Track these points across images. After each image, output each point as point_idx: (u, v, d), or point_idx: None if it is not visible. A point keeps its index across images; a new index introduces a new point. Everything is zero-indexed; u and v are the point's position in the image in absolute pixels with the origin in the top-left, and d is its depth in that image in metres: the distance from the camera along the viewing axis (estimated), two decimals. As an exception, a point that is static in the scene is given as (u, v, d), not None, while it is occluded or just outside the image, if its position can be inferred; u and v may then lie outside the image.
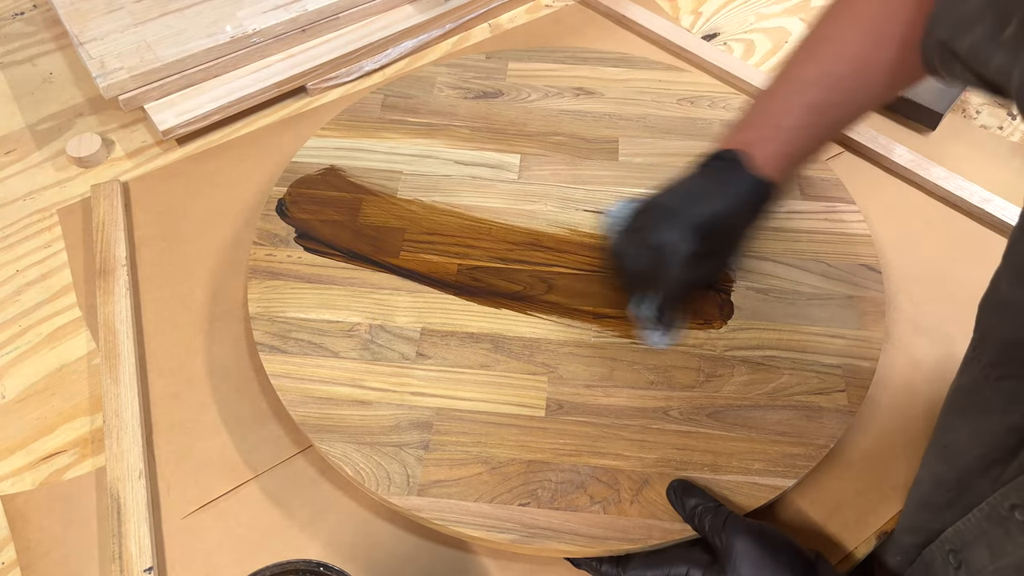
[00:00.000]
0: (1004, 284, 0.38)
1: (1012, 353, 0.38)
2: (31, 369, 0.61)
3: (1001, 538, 0.39)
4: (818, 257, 0.62)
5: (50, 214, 0.71)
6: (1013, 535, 0.38)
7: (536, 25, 0.88)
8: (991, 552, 0.40)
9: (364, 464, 0.50)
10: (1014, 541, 0.38)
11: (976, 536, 0.41)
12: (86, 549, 0.52)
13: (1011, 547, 0.38)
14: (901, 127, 0.76)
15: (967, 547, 0.41)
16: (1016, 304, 0.37)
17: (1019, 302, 0.37)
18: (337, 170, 0.67)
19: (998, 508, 0.39)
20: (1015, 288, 0.37)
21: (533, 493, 0.50)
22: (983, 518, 0.40)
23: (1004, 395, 0.38)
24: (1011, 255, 0.37)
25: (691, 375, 0.55)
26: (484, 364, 0.56)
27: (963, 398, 0.43)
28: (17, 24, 0.88)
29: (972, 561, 0.41)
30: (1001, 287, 0.38)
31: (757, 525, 0.45)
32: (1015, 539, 0.38)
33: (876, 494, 0.54)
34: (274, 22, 0.78)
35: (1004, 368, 0.38)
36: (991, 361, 0.39)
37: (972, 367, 0.41)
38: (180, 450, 0.56)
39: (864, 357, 0.56)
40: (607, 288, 0.60)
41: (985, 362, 0.40)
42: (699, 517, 0.47)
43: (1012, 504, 0.38)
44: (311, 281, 0.60)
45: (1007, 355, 0.38)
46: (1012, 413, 0.38)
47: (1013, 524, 0.38)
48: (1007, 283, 0.37)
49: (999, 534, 0.39)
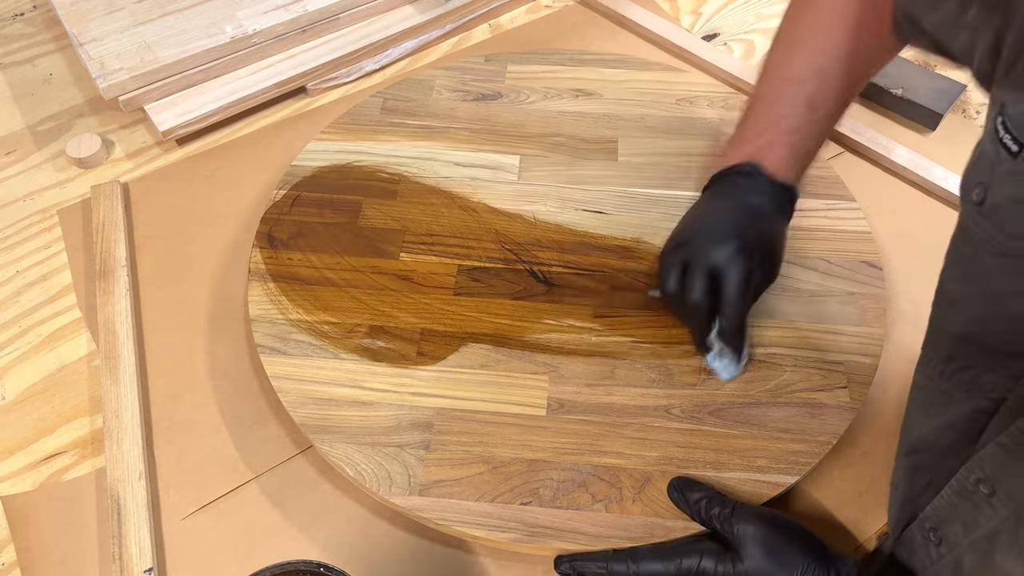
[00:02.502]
0: (949, 282, 0.39)
1: (963, 347, 0.39)
2: (31, 370, 0.61)
3: (971, 512, 0.39)
4: (819, 254, 0.62)
5: (50, 215, 0.71)
6: (981, 508, 0.39)
7: (536, 25, 0.88)
8: (964, 526, 0.40)
9: (365, 465, 0.50)
10: (983, 514, 0.39)
11: (950, 512, 0.41)
12: (86, 550, 0.52)
13: (981, 519, 0.39)
14: (901, 127, 0.76)
15: (944, 523, 0.42)
16: (961, 300, 0.38)
17: (964, 299, 0.38)
18: (337, 172, 0.67)
19: (965, 484, 0.40)
20: (959, 285, 0.38)
21: (535, 492, 0.50)
22: (953, 494, 0.41)
23: (964, 385, 0.39)
24: (952, 254, 0.39)
25: (692, 373, 0.55)
26: (484, 364, 0.56)
27: (923, 396, 0.43)
28: (17, 25, 0.88)
29: (949, 536, 0.42)
30: (947, 285, 0.39)
31: (766, 511, 0.46)
32: (983, 511, 0.39)
33: (879, 491, 0.54)
34: (274, 22, 0.78)
35: (958, 361, 0.39)
36: (945, 357, 0.40)
37: (926, 367, 0.42)
38: (180, 450, 0.56)
39: (866, 353, 0.56)
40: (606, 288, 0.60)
41: (938, 359, 0.41)
42: (705, 509, 0.47)
43: (977, 478, 0.39)
44: (311, 283, 0.60)
45: (959, 349, 0.39)
46: (976, 399, 0.39)
47: (979, 497, 0.39)
48: (951, 281, 0.39)
49: (969, 508, 0.40)
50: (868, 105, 0.78)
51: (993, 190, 0.34)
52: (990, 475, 0.38)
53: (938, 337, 0.41)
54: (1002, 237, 0.34)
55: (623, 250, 0.63)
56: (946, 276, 0.40)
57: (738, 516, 0.46)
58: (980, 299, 0.37)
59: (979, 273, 0.36)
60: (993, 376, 0.37)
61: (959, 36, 0.39)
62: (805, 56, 0.53)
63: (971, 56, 0.38)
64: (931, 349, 0.42)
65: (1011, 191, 0.33)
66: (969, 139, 0.75)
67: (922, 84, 0.76)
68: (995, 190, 0.34)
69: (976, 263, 0.36)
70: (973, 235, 0.36)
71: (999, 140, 0.33)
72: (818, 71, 0.53)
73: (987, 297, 0.36)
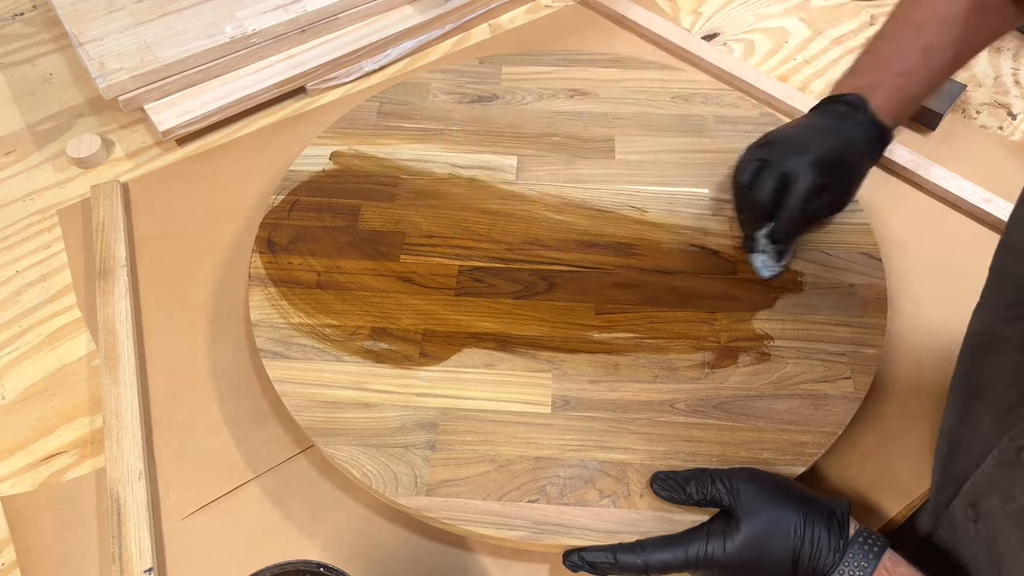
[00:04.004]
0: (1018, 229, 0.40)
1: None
2: (31, 370, 0.61)
3: (1010, 483, 0.39)
4: (818, 246, 0.63)
5: (50, 215, 0.71)
6: (1021, 478, 0.38)
7: (536, 25, 0.88)
8: (1002, 498, 0.40)
9: (371, 466, 0.50)
10: (1020, 484, 0.38)
11: (989, 484, 0.41)
12: (86, 550, 0.52)
13: (1018, 490, 0.39)
14: (901, 127, 0.76)
15: (982, 498, 0.42)
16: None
17: None
18: (335, 177, 0.67)
19: (1007, 453, 0.40)
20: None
21: (542, 489, 0.50)
22: (995, 465, 0.41)
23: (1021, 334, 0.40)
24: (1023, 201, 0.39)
25: (695, 368, 0.56)
26: (488, 363, 0.56)
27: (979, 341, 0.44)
28: (17, 24, 0.88)
29: (986, 511, 0.42)
30: (1015, 232, 0.40)
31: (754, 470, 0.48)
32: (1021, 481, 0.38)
33: (887, 483, 0.54)
34: (274, 22, 0.78)
35: (1020, 308, 0.40)
36: (1007, 302, 0.41)
37: (984, 313, 0.43)
38: (180, 450, 0.56)
39: (868, 344, 0.57)
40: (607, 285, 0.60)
41: (1000, 303, 0.41)
42: (700, 489, 0.47)
43: (1019, 447, 0.39)
44: (312, 287, 0.60)
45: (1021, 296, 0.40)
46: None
47: (1020, 468, 0.38)
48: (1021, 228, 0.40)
49: (1008, 479, 0.39)
50: (868, 105, 0.78)
51: None
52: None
53: (1001, 284, 0.42)
54: None
55: (623, 247, 0.63)
56: (1015, 222, 0.41)
57: (731, 477, 0.46)
58: None
59: None
60: None
61: None
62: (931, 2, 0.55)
63: None
64: (992, 295, 0.43)
65: None
66: (969, 139, 0.76)
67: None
68: None
69: None
70: None
71: None
72: (940, 19, 0.54)
73: None
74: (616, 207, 0.65)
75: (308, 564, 0.42)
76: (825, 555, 0.43)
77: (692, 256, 0.62)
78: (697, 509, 0.48)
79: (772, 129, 0.60)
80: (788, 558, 0.43)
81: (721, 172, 0.67)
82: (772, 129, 0.60)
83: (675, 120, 0.72)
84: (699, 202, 0.66)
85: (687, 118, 0.72)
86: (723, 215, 0.65)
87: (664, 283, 0.60)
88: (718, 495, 0.46)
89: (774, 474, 0.48)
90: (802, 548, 0.43)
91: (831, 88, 0.60)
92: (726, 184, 0.67)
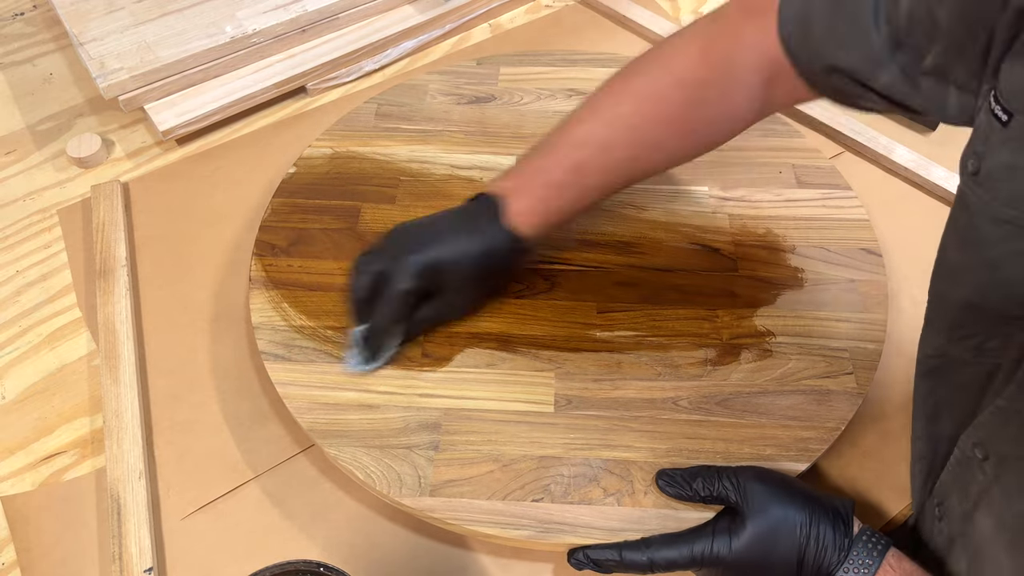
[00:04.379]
0: (950, 251, 0.41)
1: (966, 314, 0.40)
2: (31, 370, 0.61)
3: (967, 480, 0.40)
4: (818, 243, 0.63)
5: (50, 214, 0.71)
6: (975, 474, 0.39)
7: (536, 25, 0.88)
8: (959, 496, 0.41)
9: (374, 467, 0.50)
10: (975, 480, 0.39)
11: (951, 483, 0.42)
12: (86, 550, 0.52)
13: (974, 487, 0.39)
14: (901, 127, 0.76)
15: (946, 498, 0.43)
16: (961, 268, 0.40)
17: (963, 266, 0.40)
18: (334, 179, 0.67)
19: (965, 450, 0.40)
20: (959, 253, 0.40)
21: (546, 488, 0.50)
22: (955, 464, 0.41)
23: (970, 351, 0.40)
24: (951, 225, 0.40)
25: (698, 365, 0.56)
26: (490, 363, 0.56)
27: (932, 364, 0.44)
28: (17, 24, 0.88)
29: (948, 510, 0.42)
30: (948, 254, 0.41)
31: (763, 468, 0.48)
32: (976, 477, 0.39)
33: (888, 482, 0.54)
34: (274, 22, 0.78)
35: (965, 329, 0.40)
36: (950, 324, 0.41)
37: (930, 336, 0.44)
38: (180, 450, 0.56)
39: (870, 339, 0.57)
40: (608, 284, 0.60)
41: (943, 326, 0.42)
42: (706, 486, 0.47)
43: (974, 443, 0.39)
44: (313, 289, 0.60)
45: (963, 316, 0.40)
46: (984, 364, 0.40)
47: (975, 463, 0.39)
48: (952, 249, 0.40)
49: (967, 477, 0.40)
50: (868, 105, 0.78)
51: (987, 159, 0.36)
52: (984, 439, 0.39)
53: (942, 307, 0.42)
54: (996, 204, 0.36)
55: (624, 246, 0.63)
56: (946, 246, 0.41)
57: (740, 474, 0.46)
58: (979, 266, 0.38)
59: (976, 239, 0.38)
60: (996, 341, 0.38)
61: (919, 87, 0.41)
62: (597, 121, 0.53)
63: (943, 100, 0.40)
64: (936, 320, 0.43)
65: (1003, 158, 0.35)
66: (969, 139, 0.76)
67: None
68: (989, 159, 0.36)
69: (973, 230, 0.38)
70: (970, 204, 0.38)
71: (991, 111, 0.35)
72: (601, 143, 0.52)
73: (985, 263, 0.38)
74: (616, 205, 0.65)
75: (308, 564, 0.42)
76: (830, 554, 0.43)
77: (693, 254, 0.62)
78: (701, 507, 0.48)
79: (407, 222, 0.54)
80: (793, 557, 0.43)
81: (720, 170, 0.68)
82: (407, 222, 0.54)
83: None
84: (699, 200, 0.66)
85: None
86: (723, 212, 0.65)
87: (665, 281, 0.60)
88: (725, 492, 0.46)
89: (779, 473, 0.48)
90: (807, 547, 0.43)
91: (491, 183, 0.55)
92: (726, 182, 0.67)
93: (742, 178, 0.67)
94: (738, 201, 0.66)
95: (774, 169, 0.68)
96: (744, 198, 0.66)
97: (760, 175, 0.68)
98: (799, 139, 0.71)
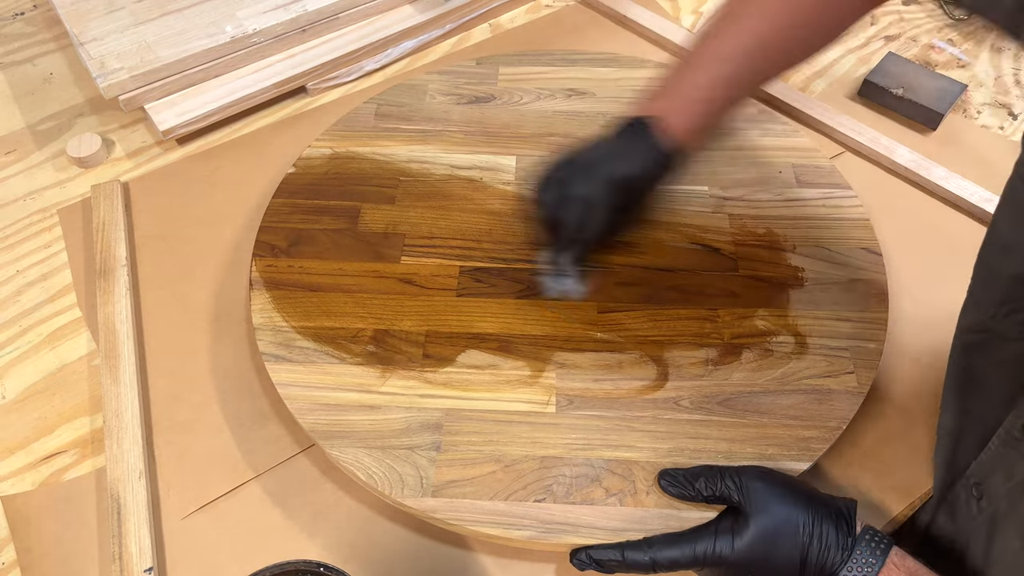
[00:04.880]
0: (1003, 226, 0.41)
1: (1016, 289, 0.40)
2: (31, 369, 0.61)
3: (1014, 460, 0.40)
4: (818, 243, 0.63)
5: (50, 214, 0.71)
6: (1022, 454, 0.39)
7: (536, 25, 0.88)
8: (1005, 475, 0.41)
9: (376, 468, 0.50)
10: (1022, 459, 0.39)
11: (994, 463, 0.42)
12: (86, 549, 0.52)
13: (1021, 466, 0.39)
14: (901, 127, 0.76)
15: (987, 477, 0.42)
16: (1015, 243, 0.40)
17: (1017, 241, 0.40)
18: (334, 179, 0.67)
19: (1012, 431, 0.40)
20: (1013, 228, 0.40)
21: (548, 489, 0.50)
22: (1000, 444, 0.41)
23: (1016, 327, 0.40)
24: (1007, 198, 0.40)
25: (699, 364, 0.56)
26: (491, 363, 0.56)
27: (972, 339, 0.45)
28: (17, 24, 0.88)
29: (990, 488, 0.42)
30: (1001, 229, 0.41)
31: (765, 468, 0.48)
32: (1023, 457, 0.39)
33: (889, 482, 0.54)
34: (274, 22, 0.78)
35: (1013, 304, 0.40)
36: (998, 299, 0.41)
37: (973, 311, 0.44)
38: (180, 450, 0.56)
39: (870, 339, 0.57)
40: (609, 284, 0.60)
41: (990, 301, 0.42)
42: (709, 485, 0.47)
43: (1023, 424, 0.39)
44: (313, 289, 0.60)
45: (1012, 292, 0.40)
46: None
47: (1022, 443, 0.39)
48: (1006, 224, 0.40)
49: (1013, 457, 0.40)
50: (868, 105, 0.79)
51: None
52: None
53: (990, 282, 0.42)
54: None
55: (624, 245, 0.63)
56: (1000, 220, 0.41)
57: (743, 474, 0.46)
58: None
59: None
60: None
61: None
62: (737, 32, 0.56)
63: None
64: (982, 295, 0.43)
65: None
66: (970, 139, 0.76)
67: (922, 84, 0.76)
68: None
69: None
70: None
71: None
72: (741, 55, 0.56)
73: None
74: (617, 206, 0.65)
75: (308, 564, 0.42)
76: (833, 553, 0.43)
77: (693, 254, 0.62)
78: (704, 506, 0.48)
79: (569, 148, 0.59)
80: (796, 556, 0.43)
81: (720, 170, 0.68)
82: (569, 148, 0.59)
83: None
84: (699, 199, 0.66)
85: None
86: (723, 212, 0.65)
87: (666, 281, 0.60)
88: (727, 491, 0.46)
89: (781, 472, 0.48)
90: (810, 546, 0.43)
91: (636, 106, 0.59)
92: (726, 182, 0.67)
93: (742, 178, 0.67)
94: (738, 201, 0.66)
95: (774, 169, 0.68)
96: (744, 198, 0.66)
97: (760, 175, 0.68)
98: (799, 139, 0.71)
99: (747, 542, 0.44)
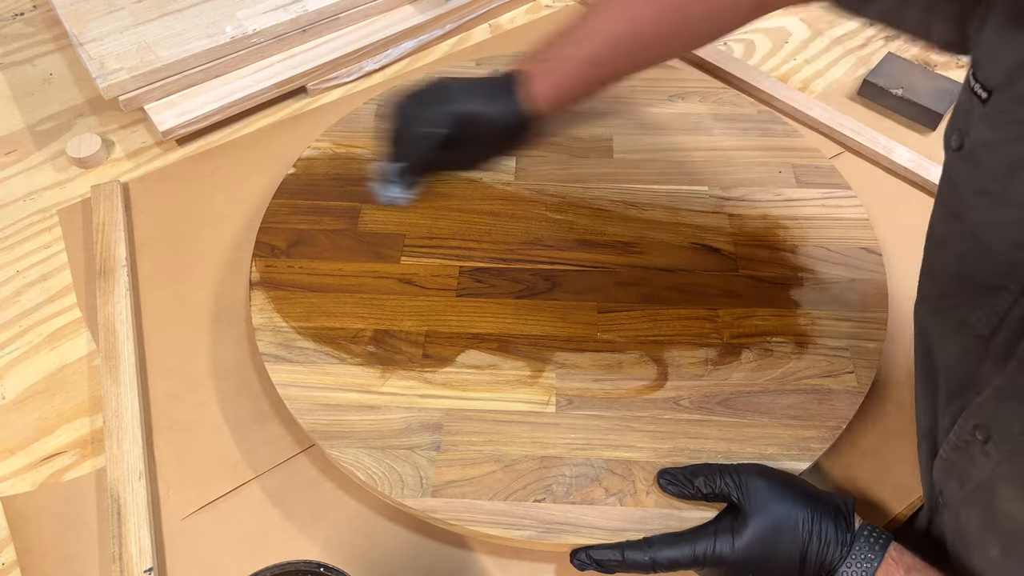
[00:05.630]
0: (937, 223, 0.43)
1: (953, 284, 0.42)
2: (31, 370, 0.61)
3: (966, 464, 0.40)
4: (818, 242, 0.63)
5: (50, 215, 0.71)
6: (976, 458, 0.40)
7: (536, 25, 0.88)
8: (959, 481, 0.41)
9: (376, 468, 0.50)
10: (977, 464, 0.39)
11: (949, 469, 0.42)
12: (86, 550, 0.52)
13: (974, 470, 0.40)
14: (901, 127, 0.77)
15: (944, 483, 0.43)
16: (948, 239, 0.42)
17: (950, 237, 0.42)
18: (333, 180, 0.67)
19: (963, 434, 0.40)
20: (945, 225, 0.42)
21: (548, 489, 0.50)
22: (951, 449, 0.42)
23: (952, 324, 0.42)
24: (938, 198, 0.43)
25: (699, 364, 0.56)
26: (491, 364, 0.56)
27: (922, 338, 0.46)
28: (17, 24, 0.88)
29: (947, 494, 0.43)
30: (936, 227, 0.43)
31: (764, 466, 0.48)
32: (977, 461, 0.39)
33: (889, 482, 0.54)
34: (274, 22, 0.78)
35: (950, 299, 0.42)
36: (938, 294, 0.43)
37: (920, 312, 0.46)
38: (180, 450, 0.56)
39: (870, 338, 0.57)
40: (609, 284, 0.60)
41: (934, 296, 0.44)
42: (708, 483, 0.47)
43: (974, 425, 0.40)
44: (313, 290, 0.60)
45: (951, 287, 0.42)
46: (963, 336, 0.41)
47: (975, 447, 0.39)
48: (939, 221, 0.43)
49: (965, 460, 0.40)
50: (868, 105, 0.79)
51: (969, 135, 0.37)
52: (985, 421, 0.39)
53: (931, 278, 0.44)
54: (978, 178, 0.37)
55: (624, 245, 0.63)
56: (935, 219, 0.43)
57: (742, 472, 0.47)
58: (962, 235, 0.40)
59: (961, 211, 0.39)
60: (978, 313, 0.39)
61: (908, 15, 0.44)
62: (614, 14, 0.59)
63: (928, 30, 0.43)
64: (927, 289, 0.45)
65: (983, 134, 0.36)
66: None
67: (922, 84, 0.76)
68: (970, 135, 0.37)
69: (958, 202, 0.39)
70: (954, 178, 0.39)
71: (971, 90, 0.37)
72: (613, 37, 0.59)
73: (968, 233, 0.39)
74: (615, 206, 0.65)
75: (308, 564, 0.42)
76: (833, 550, 0.43)
77: (693, 254, 0.62)
78: (703, 506, 0.48)
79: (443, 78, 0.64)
80: (796, 554, 0.43)
81: (720, 170, 0.68)
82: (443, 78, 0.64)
83: (672, 119, 0.72)
84: (698, 199, 0.66)
85: (685, 116, 0.72)
86: (723, 212, 0.65)
87: (665, 281, 0.60)
88: (726, 489, 0.46)
89: (780, 470, 0.48)
90: (810, 543, 0.43)
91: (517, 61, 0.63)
92: (726, 182, 0.67)
93: (742, 178, 0.67)
94: (738, 201, 0.66)
95: (774, 169, 0.68)
96: (744, 198, 0.66)
97: (760, 175, 0.68)
98: (798, 139, 0.71)
99: (747, 541, 0.44)
